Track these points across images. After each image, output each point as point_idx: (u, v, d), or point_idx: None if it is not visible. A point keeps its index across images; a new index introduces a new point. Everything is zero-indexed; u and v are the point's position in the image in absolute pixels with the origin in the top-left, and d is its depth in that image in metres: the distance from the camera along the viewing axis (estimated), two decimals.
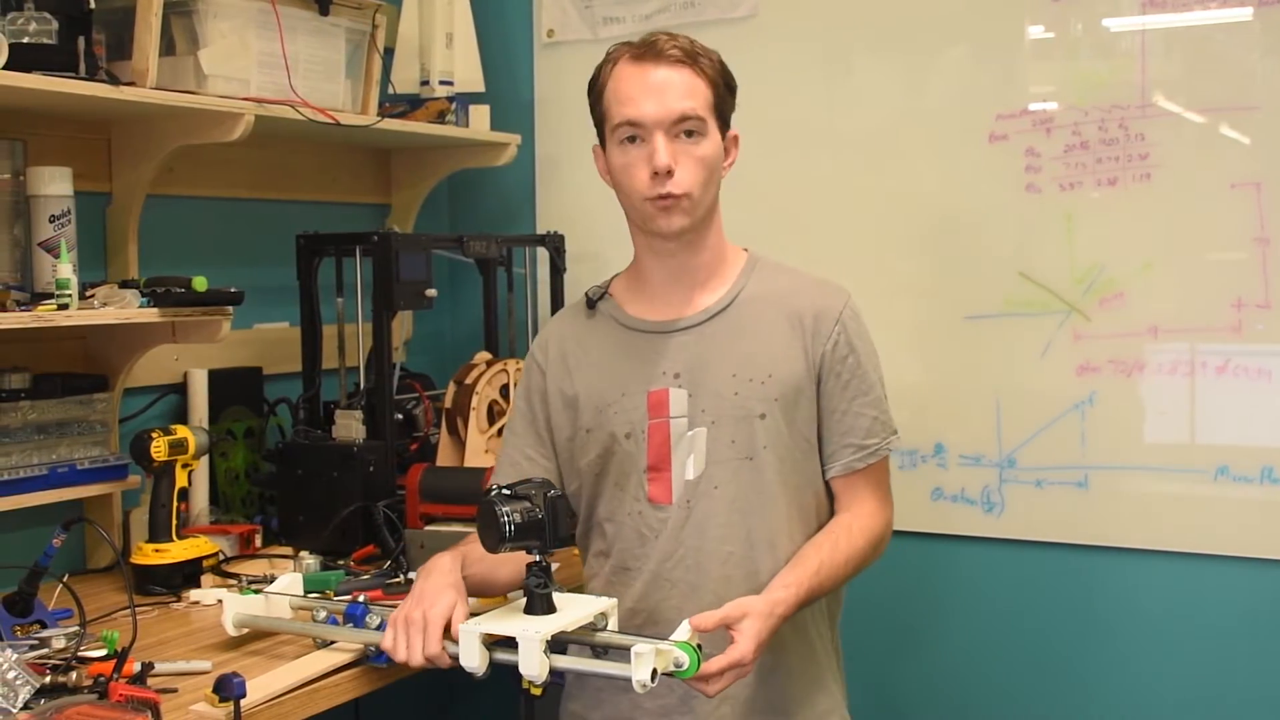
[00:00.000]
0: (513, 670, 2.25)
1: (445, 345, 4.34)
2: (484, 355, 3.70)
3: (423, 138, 3.88)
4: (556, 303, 3.92)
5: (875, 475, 2.66)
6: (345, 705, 2.49)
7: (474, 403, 3.49)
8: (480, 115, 3.95)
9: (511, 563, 2.51)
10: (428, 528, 3.17)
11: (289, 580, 2.76)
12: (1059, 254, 3.46)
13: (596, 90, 2.64)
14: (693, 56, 2.58)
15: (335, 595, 2.82)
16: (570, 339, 2.76)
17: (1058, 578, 3.52)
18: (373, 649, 2.47)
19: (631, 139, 2.55)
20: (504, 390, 3.58)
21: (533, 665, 2.19)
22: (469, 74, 3.93)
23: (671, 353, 2.63)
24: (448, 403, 3.57)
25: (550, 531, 2.29)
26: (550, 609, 2.30)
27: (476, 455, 3.47)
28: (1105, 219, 3.41)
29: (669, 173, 2.51)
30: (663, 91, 2.54)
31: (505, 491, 2.31)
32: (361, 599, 2.59)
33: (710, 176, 2.58)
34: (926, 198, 3.59)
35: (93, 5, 2.88)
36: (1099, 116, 3.41)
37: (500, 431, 3.54)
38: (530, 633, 2.19)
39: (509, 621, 2.27)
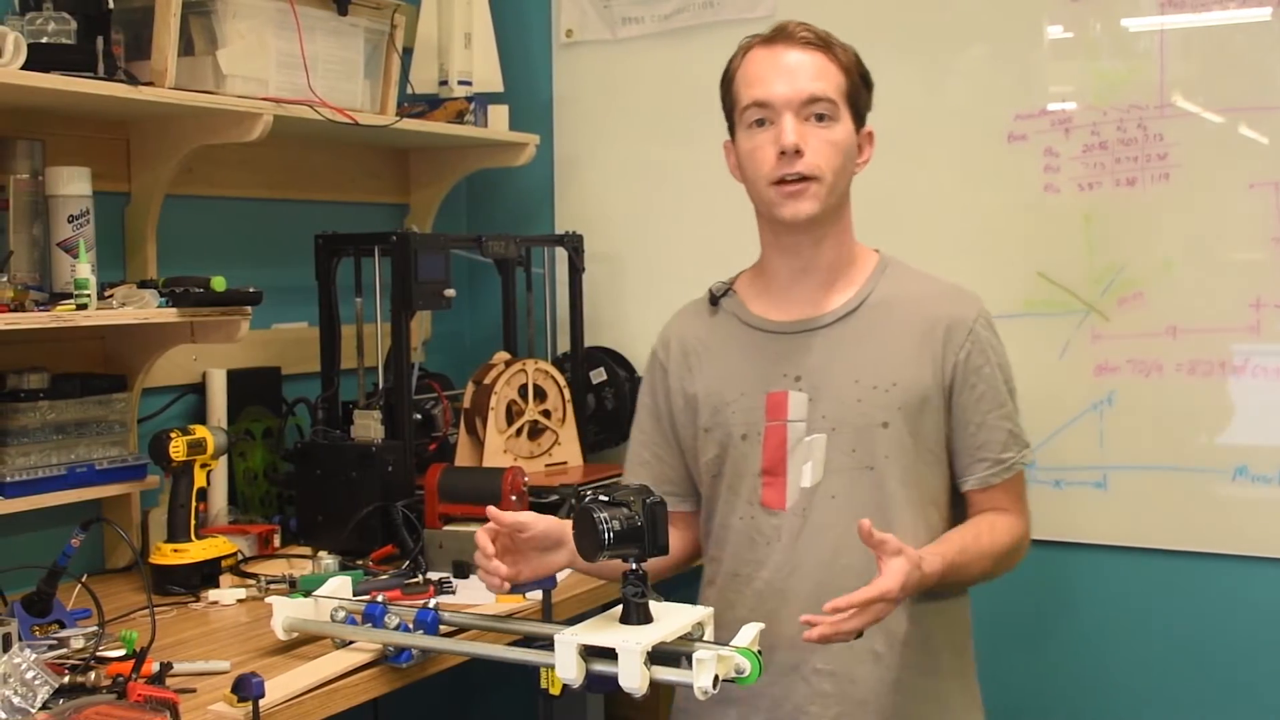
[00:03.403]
0: (532, 670, 2.24)
1: (464, 345, 4.34)
2: (503, 355, 3.70)
3: (441, 138, 3.88)
4: (575, 303, 3.92)
5: (1014, 488, 2.58)
6: (364, 705, 2.48)
7: (492, 403, 3.49)
8: (499, 115, 3.95)
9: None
10: (446, 528, 3.17)
11: (338, 583, 2.73)
12: (1077, 254, 3.45)
13: (726, 80, 2.59)
14: (826, 43, 2.52)
15: (354, 595, 2.83)
16: (691, 337, 2.71)
17: (1076, 578, 3.51)
18: (392, 649, 2.48)
19: (760, 122, 2.49)
20: (522, 390, 3.58)
21: (633, 677, 2.10)
22: (488, 74, 3.93)
23: (794, 355, 2.56)
24: (466, 403, 3.57)
25: (649, 539, 2.21)
26: (647, 618, 2.21)
27: (495, 455, 3.47)
28: (1124, 219, 3.40)
29: (797, 152, 2.44)
30: (793, 72, 2.48)
31: (603, 498, 2.23)
32: (380, 599, 2.58)
33: (843, 164, 2.51)
34: (945, 198, 3.59)
35: (111, 5, 2.89)
36: (1118, 116, 3.40)
37: (519, 432, 3.54)
38: (630, 644, 2.11)
39: (606, 632, 2.18)
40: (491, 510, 2.44)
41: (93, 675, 2.27)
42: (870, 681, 2.49)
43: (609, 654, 2.14)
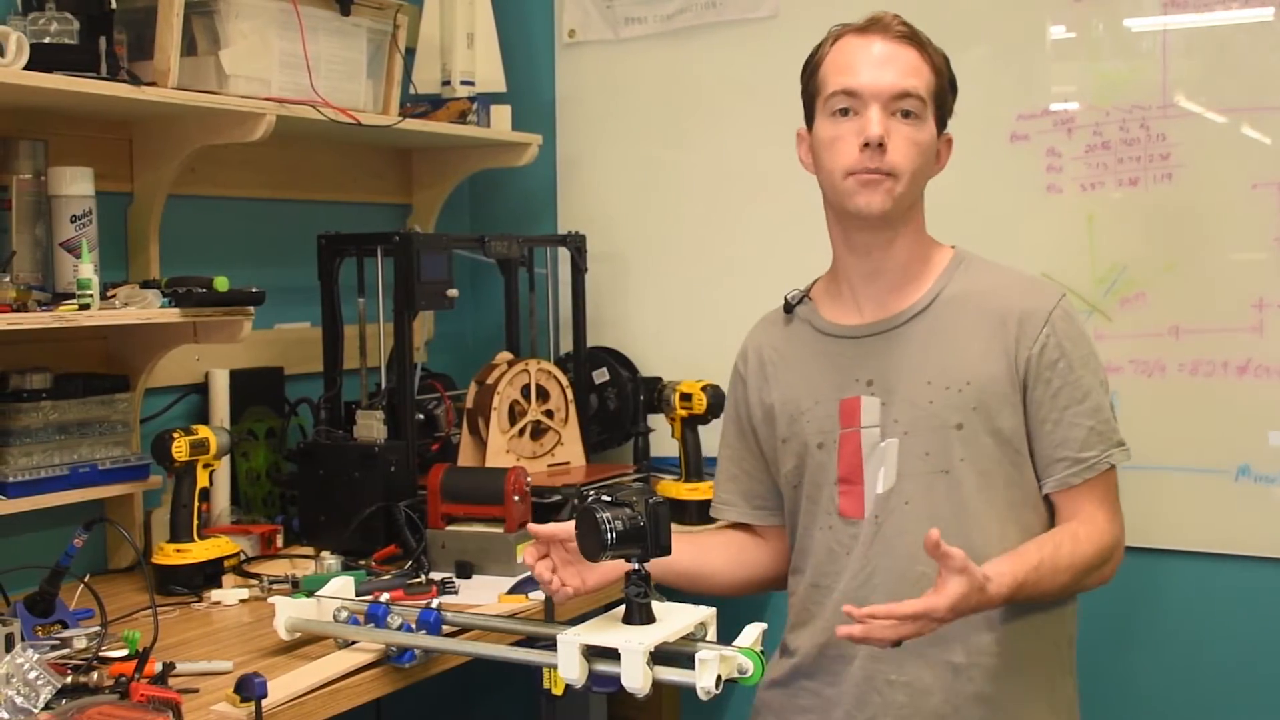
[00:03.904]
0: (535, 671, 2.24)
1: (466, 345, 4.34)
2: (505, 355, 3.70)
3: (444, 138, 3.88)
4: (578, 303, 3.92)
5: (1099, 490, 2.49)
6: (367, 705, 2.48)
7: (495, 403, 3.49)
8: (501, 115, 3.95)
9: (718, 550, 2.49)
10: (449, 528, 3.17)
11: (341, 584, 2.73)
12: (1080, 254, 3.45)
13: (812, 66, 2.53)
14: (920, 39, 2.49)
15: (356, 595, 2.83)
16: (768, 347, 2.69)
17: None
18: (395, 649, 2.48)
19: (844, 111, 2.44)
20: (525, 390, 3.57)
21: (636, 677, 2.10)
22: (490, 74, 3.92)
23: (864, 358, 2.52)
24: (469, 403, 3.57)
25: (651, 539, 2.19)
26: (650, 619, 2.21)
27: (498, 455, 3.47)
28: (1126, 219, 3.40)
29: (880, 145, 2.39)
30: (886, 64, 2.43)
31: (606, 498, 2.22)
32: (383, 599, 2.58)
33: (921, 167, 2.47)
34: (947, 198, 3.58)
35: (114, 5, 2.89)
36: (1120, 117, 3.40)
37: (522, 432, 3.54)
38: (633, 644, 2.11)
39: (609, 632, 2.18)
40: (532, 526, 2.42)
41: (95, 675, 2.27)
42: (947, 694, 2.44)
43: (611, 654, 2.14)
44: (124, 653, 2.46)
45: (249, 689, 2.17)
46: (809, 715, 2.57)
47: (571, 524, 2.37)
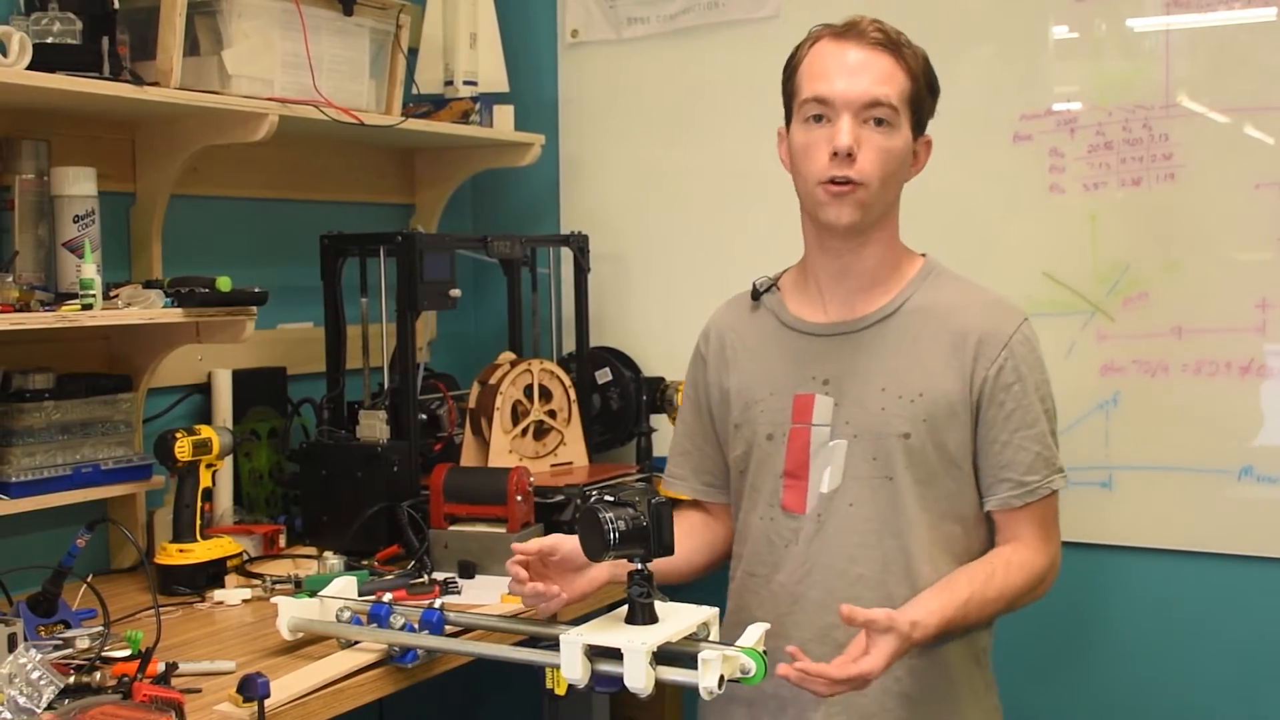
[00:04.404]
0: (538, 671, 2.24)
1: (469, 345, 4.34)
2: (508, 355, 3.70)
3: (447, 138, 3.88)
4: (581, 303, 3.92)
5: (1039, 513, 2.51)
6: (369, 705, 2.48)
7: (498, 403, 3.49)
8: (504, 115, 3.95)
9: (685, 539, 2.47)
10: (452, 528, 3.17)
11: (343, 583, 2.72)
12: (1083, 254, 3.45)
13: (790, 68, 2.54)
14: (896, 44, 2.47)
15: (359, 595, 2.83)
16: (730, 330, 2.70)
17: (1081, 578, 3.51)
18: (397, 649, 2.48)
19: (817, 118, 2.44)
20: (528, 390, 3.58)
21: (638, 677, 2.11)
22: (493, 74, 3.93)
23: (824, 357, 2.54)
24: (472, 403, 3.57)
25: (654, 539, 2.21)
26: (653, 619, 2.22)
27: (500, 455, 3.47)
28: (1129, 219, 3.40)
29: (850, 155, 2.40)
30: (859, 72, 2.43)
31: (609, 498, 2.24)
32: (385, 599, 2.58)
33: (893, 173, 2.47)
34: (950, 198, 3.58)
35: (117, 5, 2.89)
36: (1123, 116, 3.40)
37: (525, 432, 3.55)
38: (636, 644, 2.12)
39: (612, 632, 2.19)
40: (515, 545, 2.43)
41: (98, 675, 2.27)
42: (877, 693, 2.45)
43: (614, 654, 2.15)
44: (127, 653, 2.46)
45: (252, 689, 2.17)
46: (742, 707, 2.58)
47: (553, 538, 2.41)
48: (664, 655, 2.16)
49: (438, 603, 2.60)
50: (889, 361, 2.50)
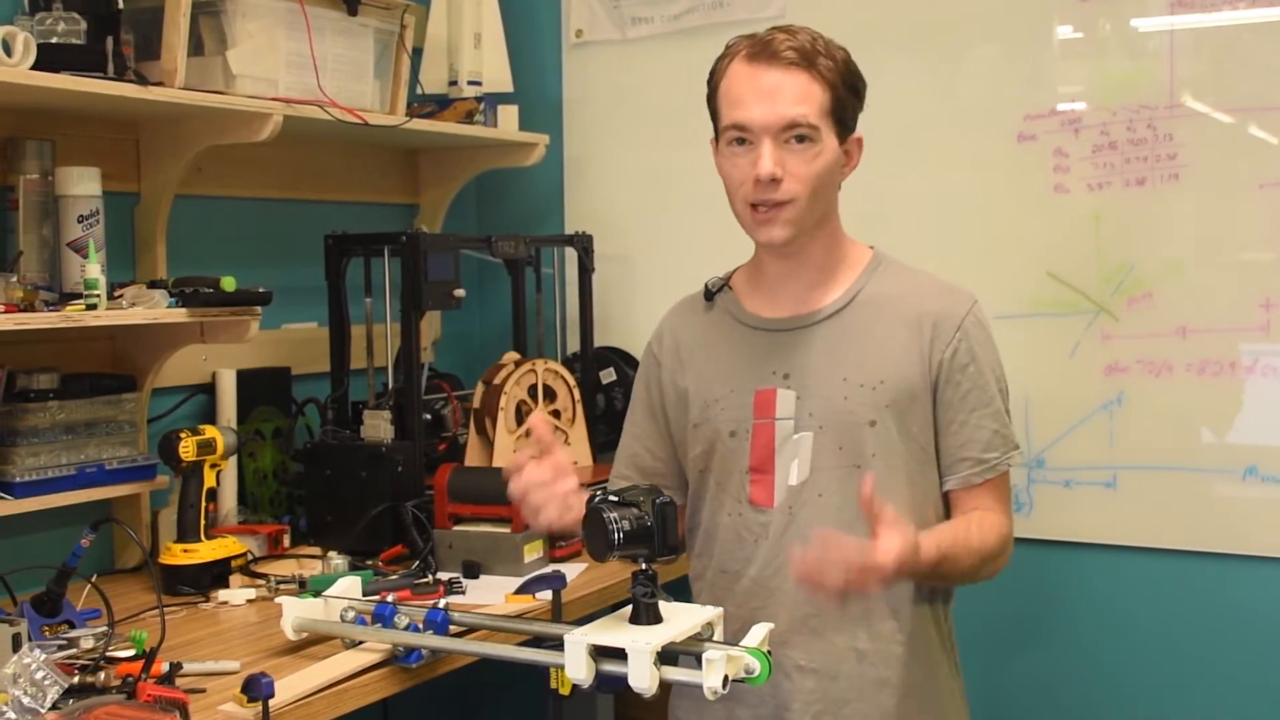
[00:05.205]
0: (542, 671, 2.24)
1: (473, 345, 4.34)
2: (512, 355, 3.71)
3: (451, 138, 3.89)
4: (585, 303, 3.92)
5: (996, 489, 2.54)
6: (374, 705, 2.48)
7: (502, 403, 3.49)
8: (509, 115, 3.96)
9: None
10: (456, 528, 3.17)
11: (348, 583, 2.73)
12: (1087, 254, 3.45)
13: (711, 85, 2.56)
14: (810, 58, 2.45)
15: (363, 595, 2.83)
16: (684, 331, 2.71)
17: (1086, 578, 3.51)
18: (402, 649, 2.48)
19: (740, 141, 2.46)
20: (532, 390, 3.58)
21: (643, 677, 2.11)
22: (497, 74, 3.93)
23: (782, 352, 2.55)
24: (476, 403, 3.57)
25: (659, 539, 2.21)
26: (657, 619, 2.22)
27: (504, 455, 3.47)
28: (1133, 219, 3.40)
29: (772, 180, 2.41)
30: (773, 96, 2.43)
31: (613, 498, 2.23)
32: (390, 599, 2.58)
33: (822, 184, 2.46)
34: (954, 198, 3.59)
35: (121, 5, 2.89)
36: (1127, 117, 3.40)
37: (529, 432, 3.54)
38: (640, 644, 2.12)
39: (616, 632, 2.19)
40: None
41: (102, 675, 2.27)
42: (852, 680, 2.48)
43: (619, 654, 2.14)
44: (131, 653, 2.46)
45: (256, 689, 2.17)
46: (721, 703, 2.58)
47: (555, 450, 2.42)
48: (668, 655, 2.16)
49: (442, 603, 2.60)
50: (848, 352, 2.51)
